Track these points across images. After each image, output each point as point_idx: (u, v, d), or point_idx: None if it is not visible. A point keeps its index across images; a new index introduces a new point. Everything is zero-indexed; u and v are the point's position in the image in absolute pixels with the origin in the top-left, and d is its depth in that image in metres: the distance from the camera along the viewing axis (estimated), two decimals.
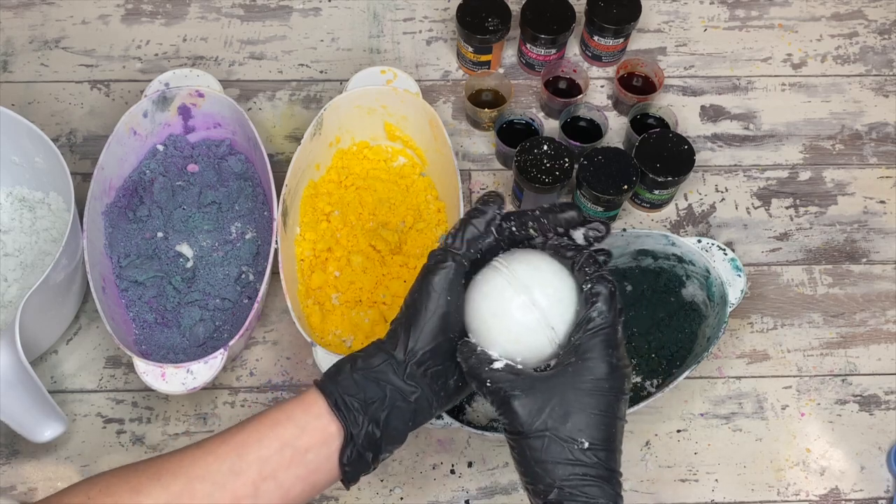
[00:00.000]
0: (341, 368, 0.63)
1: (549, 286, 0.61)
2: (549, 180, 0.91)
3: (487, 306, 0.62)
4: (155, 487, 0.58)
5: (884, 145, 1.04)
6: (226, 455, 0.60)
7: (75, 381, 0.88)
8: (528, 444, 0.58)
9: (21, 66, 1.05)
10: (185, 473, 0.59)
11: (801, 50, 1.09)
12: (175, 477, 0.58)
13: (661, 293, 0.89)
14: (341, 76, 1.06)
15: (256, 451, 0.60)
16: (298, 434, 0.61)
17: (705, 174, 1.01)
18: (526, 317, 0.60)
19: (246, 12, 1.10)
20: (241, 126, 0.93)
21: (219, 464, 0.59)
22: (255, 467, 0.59)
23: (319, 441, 0.61)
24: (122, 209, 0.92)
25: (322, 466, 0.61)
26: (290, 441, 0.60)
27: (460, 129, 1.03)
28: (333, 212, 0.95)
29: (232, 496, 0.59)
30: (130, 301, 0.89)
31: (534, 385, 0.59)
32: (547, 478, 0.58)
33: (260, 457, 0.60)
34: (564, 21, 1.00)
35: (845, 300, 0.95)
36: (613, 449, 0.59)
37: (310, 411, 0.61)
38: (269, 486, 0.60)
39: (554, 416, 0.58)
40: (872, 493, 0.86)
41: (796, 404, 0.90)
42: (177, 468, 0.59)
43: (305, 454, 0.61)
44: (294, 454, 0.60)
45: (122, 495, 0.58)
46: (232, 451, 0.60)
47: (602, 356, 0.59)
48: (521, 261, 0.62)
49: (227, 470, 0.59)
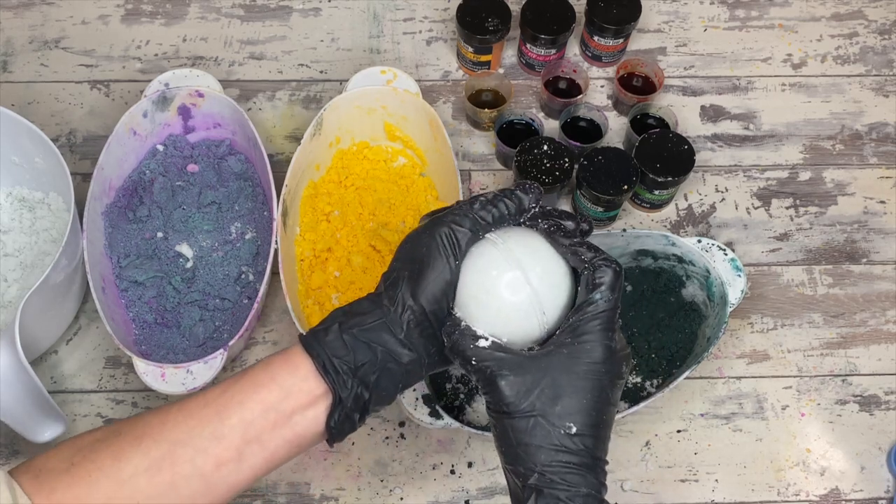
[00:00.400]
0: (329, 327, 0.60)
1: (544, 268, 0.60)
2: (549, 180, 0.91)
3: (479, 281, 0.60)
4: (136, 453, 0.57)
5: (884, 145, 1.04)
6: (208, 419, 0.58)
7: (75, 382, 0.88)
8: (511, 425, 0.57)
9: (21, 66, 1.05)
10: (167, 438, 0.57)
11: (801, 50, 1.09)
12: (156, 441, 0.57)
13: (661, 293, 0.89)
14: (341, 76, 1.06)
15: (239, 413, 0.58)
16: (283, 397, 0.59)
17: (705, 174, 1.01)
18: (517, 295, 0.59)
19: (246, 12, 1.10)
20: (241, 126, 0.93)
21: (201, 428, 0.58)
22: (238, 431, 0.58)
23: (305, 403, 0.59)
24: (121, 209, 0.92)
25: (308, 428, 0.60)
26: (275, 404, 0.58)
27: (460, 129, 1.03)
28: (333, 212, 0.95)
29: (215, 460, 0.58)
30: (130, 301, 0.89)
31: (523, 365, 0.58)
32: (529, 461, 0.56)
33: (243, 419, 0.58)
34: (564, 21, 1.00)
35: (845, 300, 0.95)
36: (602, 437, 0.57)
37: (296, 373, 0.59)
38: (252, 449, 0.58)
39: (543, 397, 0.56)
40: (872, 494, 0.86)
41: (796, 404, 0.90)
42: (158, 433, 0.58)
43: (291, 417, 0.59)
44: (279, 417, 0.59)
45: (103, 461, 0.57)
46: (214, 414, 0.58)
47: (601, 339, 0.57)
48: (517, 239, 0.61)
49: (209, 434, 0.58)
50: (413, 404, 0.80)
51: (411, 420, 0.80)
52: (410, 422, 0.86)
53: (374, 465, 0.85)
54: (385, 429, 0.87)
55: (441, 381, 0.85)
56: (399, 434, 0.87)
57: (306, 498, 0.84)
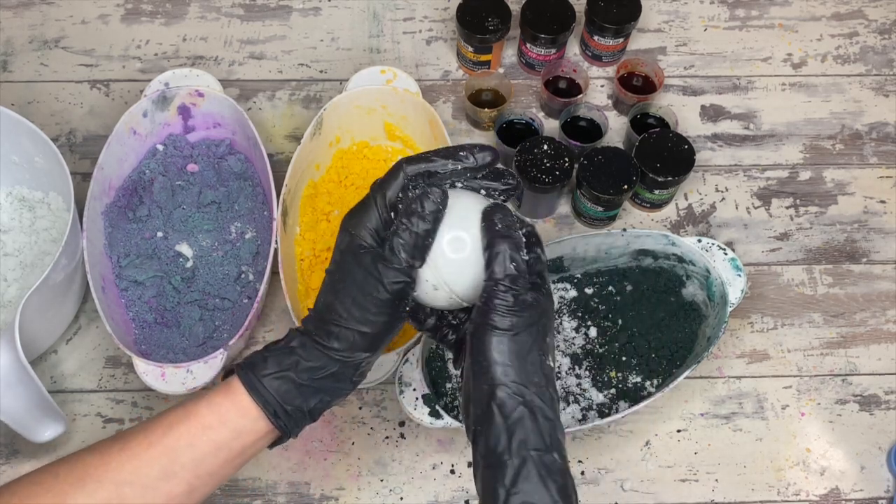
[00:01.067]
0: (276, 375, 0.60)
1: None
2: (549, 180, 0.91)
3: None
4: (80, 495, 0.56)
5: (884, 145, 1.04)
6: (155, 459, 0.58)
7: (75, 381, 0.88)
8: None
9: (21, 66, 1.05)
10: (111, 479, 0.57)
11: (802, 50, 1.09)
12: (100, 483, 0.57)
13: (661, 293, 0.89)
14: (341, 76, 1.06)
15: (189, 454, 0.59)
16: (234, 437, 0.60)
17: (705, 174, 1.01)
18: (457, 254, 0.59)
19: (246, 12, 1.10)
20: (241, 126, 0.93)
21: (148, 468, 0.58)
22: (189, 469, 0.59)
23: (255, 439, 0.61)
24: (121, 209, 0.92)
25: (258, 450, 0.62)
26: (226, 443, 0.59)
27: (460, 129, 1.03)
28: (333, 211, 0.94)
29: (166, 496, 0.58)
30: (130, 301, 0.89)
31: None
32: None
33: (194, 458, 0.59)
34: (564, 21, 1.00)
35: (845, 300, 0.95)
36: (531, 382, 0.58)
37: (246, 415, 0.60)
38: (204, 480, 0.59)
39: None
40: (872, 493, 0.86)
41: (796, 404, 0.90)
42: (101, 474, 0.57)
43: (242, 452, 0.60)
44: (230, 454, 0.60)
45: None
46: (162, 455, 0.58)
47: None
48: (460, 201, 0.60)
49: (158, 474, 0.58)
50: (413, 404, 0.80)
51: (411, 420, 0.80)
52: (410, 422, 0.86)
53: (374, 465, 0.85)
54: (385, 429, 0.87)
55: (441, 381, 0.85)
56: (399, 434, 0.87)
57: (306, 498, 0.84)
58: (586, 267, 0.91)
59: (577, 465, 0.86)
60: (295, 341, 0.61)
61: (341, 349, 0.60)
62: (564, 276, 0.91)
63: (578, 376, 0.87)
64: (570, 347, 0.88)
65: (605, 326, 0.89)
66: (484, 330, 0.57)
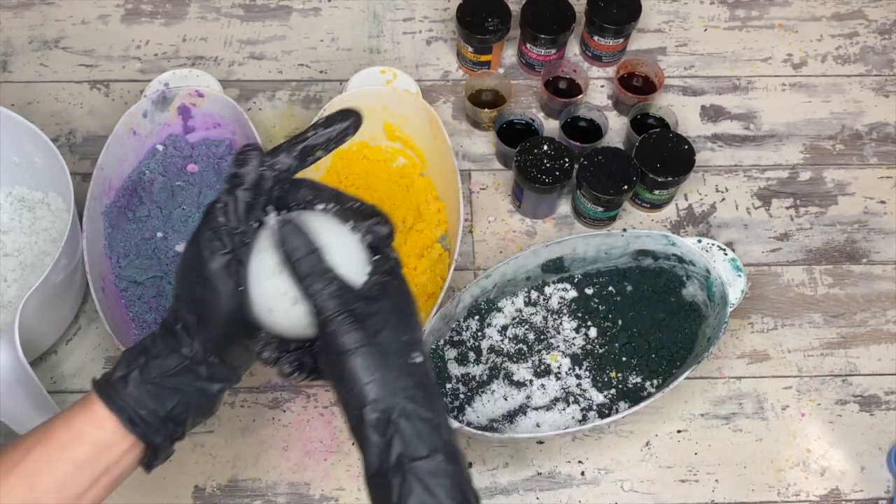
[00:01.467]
0: (128, 375, 0.56)
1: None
2: (549, 180, 0.91)
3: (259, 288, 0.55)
4: None
5: (884, 145, 1.04)
6: (15, 486, 0.54)
7: (75, 382, 0.88)
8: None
9: (21, 66, 1.05)
10: None
11: (802, 50, 1.09)
12: None
13: (661, 293, 0.89)
14: (341, 76, 1.06)
15: (50, 476, 0.55)
16: (95, 453, 0.56)
17: (705, 174, 1.01)
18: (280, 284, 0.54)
19: (246, 12, 1.10)
20: (241, 126, 0.93)
21: (9, 496, 0.53)
22: (52, 492, 0.55)
23: (119, 454, 0.56)
24: (121, 209, 0.92)
25: (126, 470, 0.58)
26: (89, 461, 0.55)
27: (460, 129, 1.03)
28: None
29: None
30: (130, 301, 0.89)
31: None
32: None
33: (56, 481, 0.55)
34: (564, 21, 1.00)
35: (845, 300, 0.95)
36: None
37: (103, 427, 0.56)
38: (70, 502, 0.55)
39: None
40: (872, 494, 0.86)
41: (797, 404, 0.90)
42: None
43: (107, 469, 0.56)
44: (94, 472, 0.56)
45: None
46: (21, 482, 0.54)
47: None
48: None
49: (19, 501, 0.54)
50: None
51: None
52: None
53: None
54: None
55: (441, 381, 0.85)
56: None
57: (306, 498, 0.84)
58: (586, 267, 0.91)
59: (578, 465, 0.86)
60: (148, 338, 0.57)
61: (182, 336, 0.56)
62: (564, 276, 0.91)
63: (578, 377, 0.87)
64: (570, 348, 0.88)
65: (605, 327, 0.89)
66: (335, 355, 0.53)
